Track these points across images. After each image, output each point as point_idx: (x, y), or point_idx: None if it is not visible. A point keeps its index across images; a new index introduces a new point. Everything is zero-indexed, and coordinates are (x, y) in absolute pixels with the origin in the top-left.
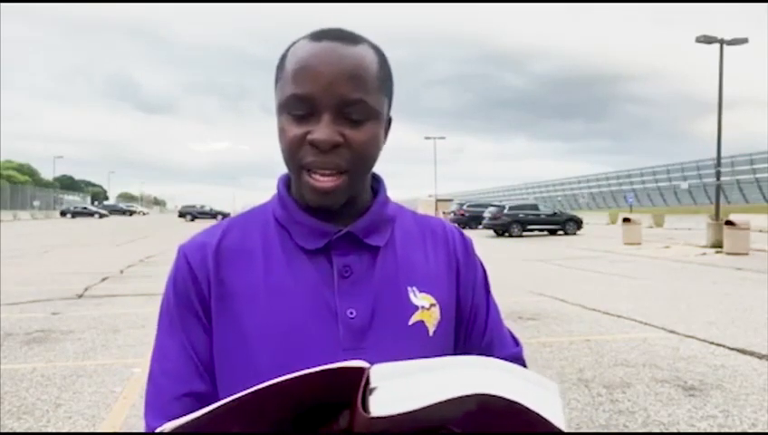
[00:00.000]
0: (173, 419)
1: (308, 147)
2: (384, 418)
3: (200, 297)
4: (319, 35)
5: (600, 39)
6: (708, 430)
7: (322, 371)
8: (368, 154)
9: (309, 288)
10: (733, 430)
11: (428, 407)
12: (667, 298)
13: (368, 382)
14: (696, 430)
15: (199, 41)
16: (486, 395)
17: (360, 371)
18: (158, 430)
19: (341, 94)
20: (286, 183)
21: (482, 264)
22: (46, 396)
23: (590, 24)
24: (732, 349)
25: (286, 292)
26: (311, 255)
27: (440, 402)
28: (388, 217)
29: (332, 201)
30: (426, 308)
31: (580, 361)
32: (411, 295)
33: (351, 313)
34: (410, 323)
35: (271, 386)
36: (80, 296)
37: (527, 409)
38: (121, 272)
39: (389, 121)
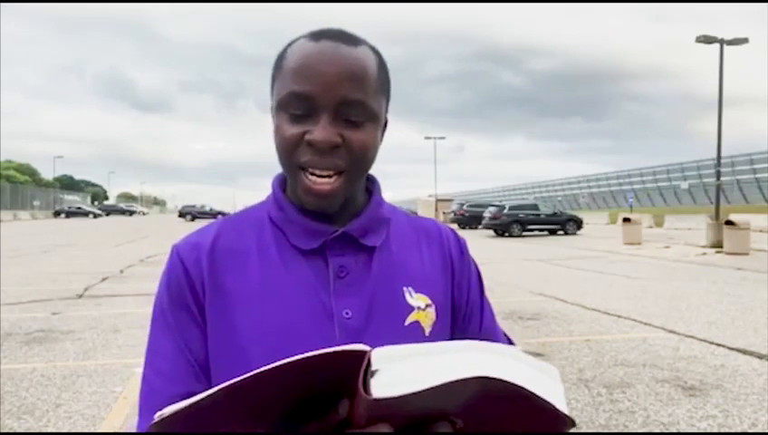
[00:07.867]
0: None
1: (305, 146)
2: (386, 399)
3: (195, 297)
4: (318, 35)
5: (600, 38)
6: (708, 430)
7: (325, 353)
8: (366, 156)
9: (304, 289)
10: (733, 430)
11: (431, 389)
12: (667, 298)
13: (369, 365)
14: (696, 430)
15: (195, 39)
16: (489, 378)
17: (362, 354)
18: (157, 414)
19: (342, 95)
20: (281, 183)
21: (476, 264)
22: (46, 396)
23: (591, 22)
24: (732, 349)
25: (282, 292)
26: (306, 255)
27: (443, 385)
28: (383, 218)
29: (329, 204)
30: (422, 309)
31: (580, 361)
32: (407, 296)
33: (347, 313)
34: (406, 323)
35: (275, 368)
36: (80, 296)
37: (530, 393)
38: (121, 272)
39: (386, 123)
